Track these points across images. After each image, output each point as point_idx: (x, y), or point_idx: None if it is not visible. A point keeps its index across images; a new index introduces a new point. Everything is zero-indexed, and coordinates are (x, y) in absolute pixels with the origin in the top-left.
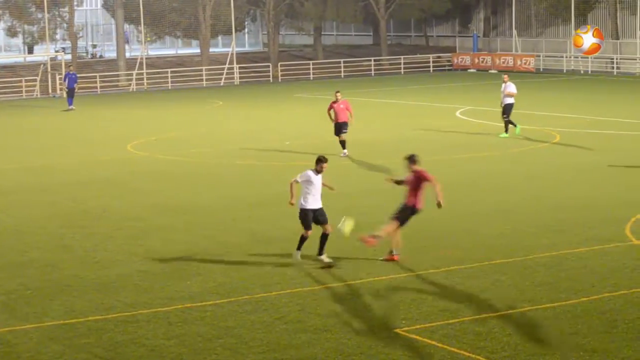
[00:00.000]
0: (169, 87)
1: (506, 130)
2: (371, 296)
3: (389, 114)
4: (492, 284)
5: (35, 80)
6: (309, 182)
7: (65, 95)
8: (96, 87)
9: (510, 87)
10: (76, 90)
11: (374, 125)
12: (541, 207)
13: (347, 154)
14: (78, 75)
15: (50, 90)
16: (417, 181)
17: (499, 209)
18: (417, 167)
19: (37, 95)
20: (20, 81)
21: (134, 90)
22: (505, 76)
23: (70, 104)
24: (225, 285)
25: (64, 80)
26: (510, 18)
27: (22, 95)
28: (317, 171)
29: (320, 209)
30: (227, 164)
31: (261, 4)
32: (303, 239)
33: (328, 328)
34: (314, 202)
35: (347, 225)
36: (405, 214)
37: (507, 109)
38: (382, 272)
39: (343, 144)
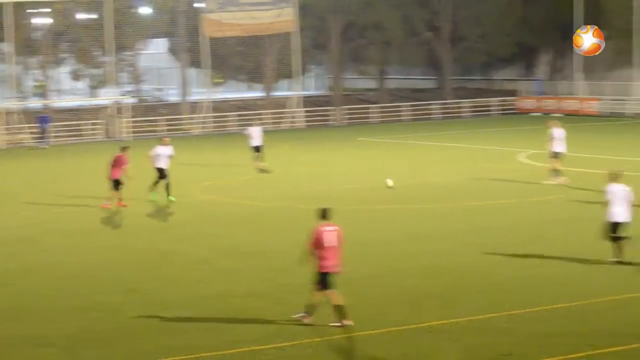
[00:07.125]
0: (233, 131)
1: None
2: None
3: (453, 157)
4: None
5: (99, 124)
6: None
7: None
8: (157, 131)
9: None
10: (47, 131)
11: (432, 169)
12: None
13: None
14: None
15: (115, 133)
16: None
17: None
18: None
19: (101, 138)
20: (85, 124)
21: (198, 134)
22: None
23: (45, 144)
24: (287, 329)
25: (39, 123)
26: (574, 60)
27: (83, 139)
28: None
29: None
30: (289, 207)
31: (325, 48)
32: None
33: None
34: None
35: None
36: None
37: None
38: None
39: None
